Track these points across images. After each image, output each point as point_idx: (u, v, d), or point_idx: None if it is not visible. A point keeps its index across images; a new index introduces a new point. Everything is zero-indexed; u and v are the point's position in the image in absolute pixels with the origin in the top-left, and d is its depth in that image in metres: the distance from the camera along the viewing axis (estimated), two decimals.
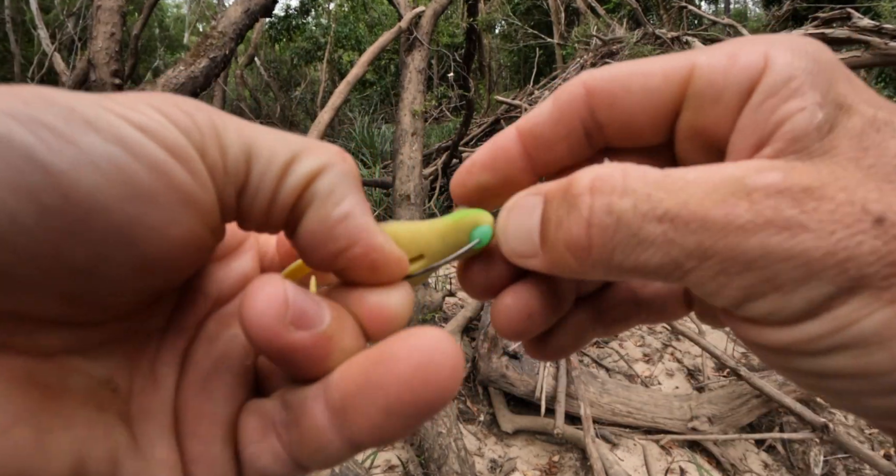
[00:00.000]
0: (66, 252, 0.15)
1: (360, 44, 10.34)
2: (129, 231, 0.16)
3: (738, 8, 16.69)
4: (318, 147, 0.20)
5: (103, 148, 0.15)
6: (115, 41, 1.82)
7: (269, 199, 0.19)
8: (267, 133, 0.19)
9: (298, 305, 0.18)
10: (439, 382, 0.18)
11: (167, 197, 0.16)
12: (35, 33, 8.52)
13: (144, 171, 0.16)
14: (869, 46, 3.59)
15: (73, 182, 0.15)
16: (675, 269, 0.18)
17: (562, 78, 5.69)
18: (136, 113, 0.16)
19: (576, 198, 0.20)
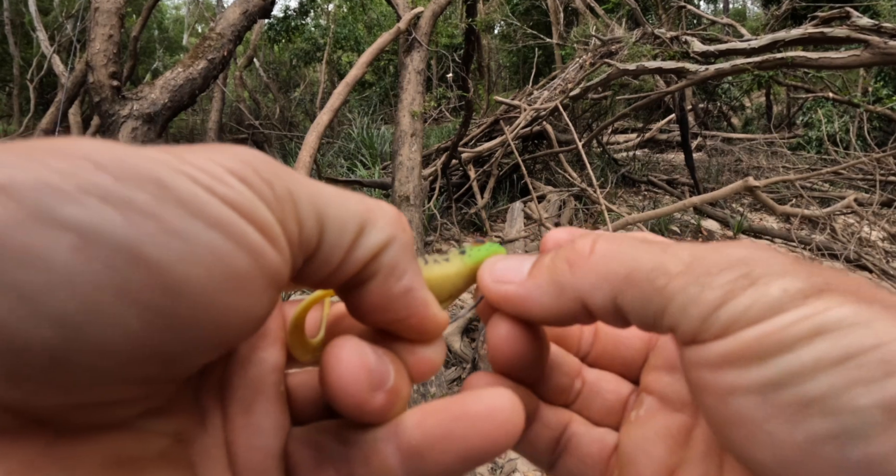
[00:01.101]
0: (165, 346, 0.14)
1: (358, 45, 10.34)
2: (224, 318, 0.15)
3: (736, 7, 16.70)
4: (383, 215, 0.21)
5: (205, 236, 0.14)
6: (113, 43, 1.81)
7: (336, 268, 0.20)
8: (335, 198, 0.19)
9: (378, 369, 0.21)
10: (511, 434, 0.21)
11: (261, 280, 0.16)
12: (34, 35, 8.52)
13: (244, 257, 0.15)
14: (868, 45, 3.59)
15: (179, 277, 0.14)
16: (663, 274, 0.20)
17: (561, 78, 5.69)
18: (221, 185, 0.15)
19: (585, 234, 0.24)
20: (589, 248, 0.23)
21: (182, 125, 12.92)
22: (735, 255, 0.20)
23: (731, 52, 4.32)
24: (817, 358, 0.17)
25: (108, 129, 1.80)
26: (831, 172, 5.06)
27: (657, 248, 0.21)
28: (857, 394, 0.16)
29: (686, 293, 0.19)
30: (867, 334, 0.16)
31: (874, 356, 0.16)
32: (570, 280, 0.22)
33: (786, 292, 0.18)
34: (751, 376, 0.18)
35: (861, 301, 0.17)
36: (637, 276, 0.21)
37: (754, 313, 0.18)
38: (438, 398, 0.84)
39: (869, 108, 6.20)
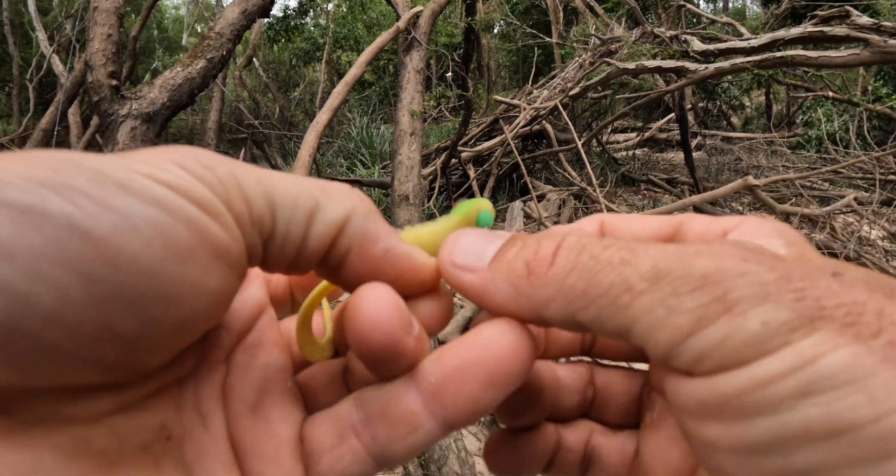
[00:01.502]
0: (114, 320, 0.15)
1: (358, 44, 10.34)
2: (173, 291, 0.16)
3: (736, 6, 16.70)
4: (336, 192, 0.21)
5: (142, 210, 0.15)
6: (112, 43, 1.81)
7: (298, 247, 0.20)
8: (285, 181, 0.20)
9: (407, 313, 0.20)
10: (525, 353, 0.20)
11: (204, 252, 0.16)
12: (33, 35, 8.52)
13: (183, 229, 0.16)
14: (868, 44, 3.59)
15: (116, 247, 0.14)
16: (625, 292, 0.18)
17: (561, 77, 5.69)
18: (162, 172, 0.16)
19: (553, 234, 0.22)
20: (550, 257, 0.20)
21: (181, 125, 12.91)
22: (707, 267, 0.17)
23: (730, 51, 4.32)
24: (805, 427, 0.14)
25: (107, 128, 1.80)
26: (831, 171, 5.06)
27: (621, 255, 0.19)
28: (849, 474, 0.14)
29: (651, 315, 0.17)
30: (864, 402, 0.14)
31: (870, 432, 0.14)
32: (526, 288, 0.20)
33: (766, 326, 0.15)
34: (732, 434, 0.16)
35: (861, 337, 0.14)
36: (595, 291, 0.18)
37: (729, 351, 0.16)
38: None
39: (869, 106, 6.20)
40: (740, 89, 9.13)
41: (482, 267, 0.22)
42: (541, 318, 0.20)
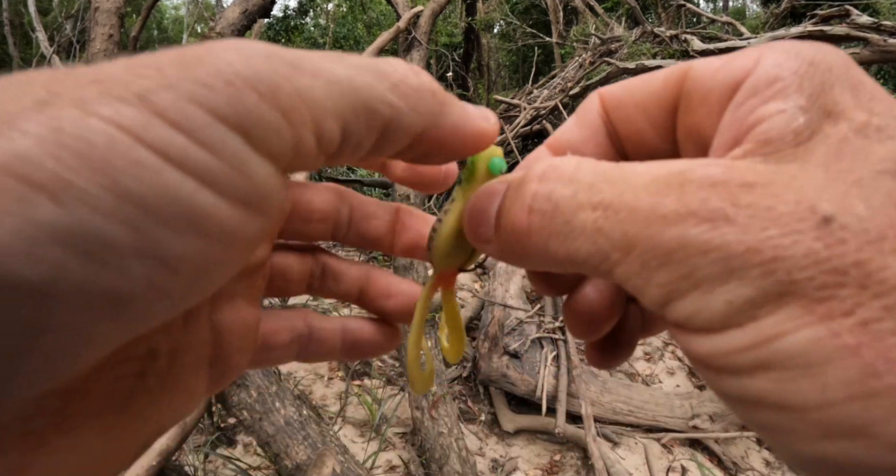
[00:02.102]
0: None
1: (358, 44, 10.33)
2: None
3: (736, 6, 16.68)
4: (415, 96, 0.19)
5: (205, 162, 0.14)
6: (113, 43, 1.81)
7: (366, 153, 0.20)
8: (356, 85, 0.17)
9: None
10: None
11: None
12: (33, 36, 8.52)
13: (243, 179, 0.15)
14: (868, 43, 3.59)
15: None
16: (603, 261, 0.18)
17: (561, 77, 5.69)
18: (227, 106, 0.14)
19: (525, 184, 0.20)
20: (526, 224, 0.19)
21: None
22: (671, 242, 0.16)
23: (730, 51, 4.32)
24: (759, 395, 0.15)
25: None
26: None
27: (591, 220, 0.18)
28: (796, 442, 0.15)
29: (631, 283, 0.17)
30: (814, 388, 0.14)
31: (815, 416, 0.14)
32: (520, 256, 0.21)
33: (730, 305, 0.15)
34: (709, 374, 0.17)
35: (831, 316, 0.14)
36: (577, 258, 0.18)
37: (701, 321, 0.16)
38: (438, 397, 0.87)
39: None
40: None
41: (492, 232, 0.22)
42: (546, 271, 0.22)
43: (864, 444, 0.14)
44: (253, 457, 2.26)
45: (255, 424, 1.65)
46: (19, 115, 0.12)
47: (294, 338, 0.26)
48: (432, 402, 2.14)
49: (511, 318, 2.70)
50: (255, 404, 1.66)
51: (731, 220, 0.15)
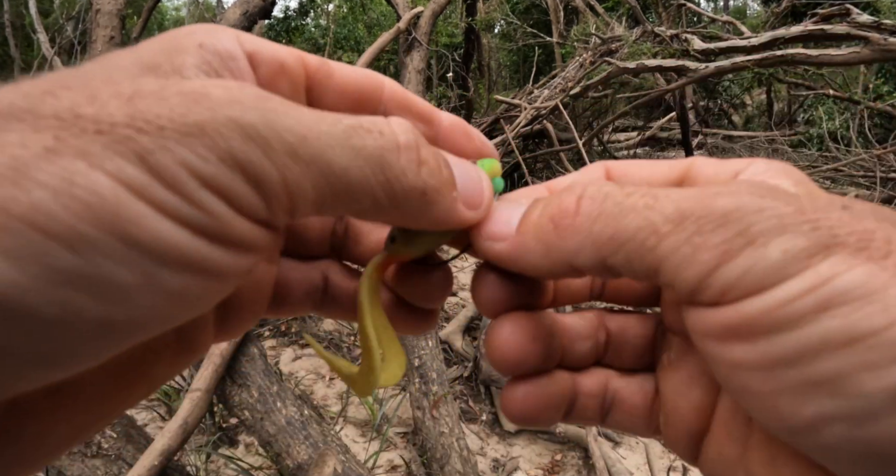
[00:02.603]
0: None
1: (359, 45, 10.33)
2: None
3: (736, 5, 16.66)
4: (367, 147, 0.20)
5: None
6: (114, 45, 1.82)
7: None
8: (324, 142, 0.18)
9: None
10: None
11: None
12: (35, 37, 8.53)
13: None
14: (868, 42, 3.59)
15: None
16: (652, 234, 0.19)
17: (561, 76, 5.69)
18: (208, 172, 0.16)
19: (572, 187, 0.22)
20: (574, 207, 0.21)
21: None
22: (727, 206, 0.18)
23: (731, 50, 4.31)
24: (825, 338, 0.16)
25: None
26: (832, 169, 5.05)
27: (644, 201, 0.19)
28: (866, 378, 0.15)
29: (678, 254, 0.18)
30: (878, 311, 0.15)
31: (885, 337, 0.15)
32: (556, 241, 0.21)
33: (786, 253, 0.17)
34: (756, 352, 0.17)
35: (873, 258, 0.16)
36: (623, 236, 0.19)
37: (754, 279, 0.17)
38: (439, 396, 0.88)
39: (869, 104, 6.18)
40: (741, 88, 9.11)
41: (511, 233, 0.23)
42: (573, 267, 0.21)
43: None
44: (254, 457, 2.26)
45: (257, 424, 1.66)
46: (31, 165, 0.13)
47: (310, 290, 0.27)
48: (433, 402, 2.15)
49: None
50: (256, 404, 1.67)
51: (776, 197, 0.18)
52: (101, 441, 1.52)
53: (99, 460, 1.51)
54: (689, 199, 0.18)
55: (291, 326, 3.30)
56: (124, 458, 1.53)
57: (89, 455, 1.50)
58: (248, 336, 1.74)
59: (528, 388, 0.26)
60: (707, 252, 0.18)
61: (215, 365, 1.60)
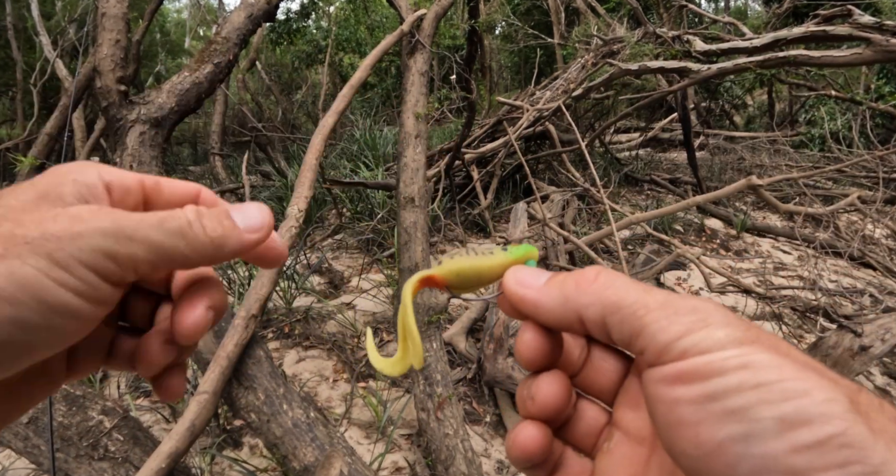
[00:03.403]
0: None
1: (360, 46, 10.35)
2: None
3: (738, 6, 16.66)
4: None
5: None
6: (120, 48, 1.83)
7: None
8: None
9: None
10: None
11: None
12: (37, 40, 8.55)
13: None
14: (870, 43, 3.59)
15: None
16: (643, 307, 0.28)
17: (563, 78, 5.69)
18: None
19: (594, 266, 0.32)
20: (594, 276, 0.31)
21: (185, 128, 12.93)
22: (698, 305, 0.27)
23: (732, 51, 4.32)
24: (741, 382, 0.24)
25: (115, 133, 1.81)
26: (834, 170, 5.05)
27: (642, 288, 0.29)
28: (762, 409, 0.23)
29: (658, 324, 0.27)
30: (775, 373, 0.24)
31: (777, 387, 0.24)
32: (574, 295, 0.31)
33: (728, 336, 0.26)
34: (694, 390, 0.25)
35: (777, 352, 0.25)
36: (624, 303, 0.28)
37: (704, 346, 0.26)
38: (444, 398, 0.92)
39: (871, 105, 6.18)
40: (743, 88, 9.11)
41: (538, 285, 0.33)
42: (581, 318, 0.30)
43: None
44: (259, 459, 2.26)
45: (263, 426, 1.66)
46: None
47: (98, 353, 0.36)
48: (438, 403, 2.15)
49: (516, 320, 2.70)
50: (262, 406, 1.67)
51: (726, 311, 0.28)
52: (108, 444, 1.53)
53: (106, 463, 1.51)
54: (671, 296, 0.28)
55: (295, 328, 3.30)
56: (131, 461, 1.54)
57: (96, 458, 1.51)
58: (254, 338, 1.75)
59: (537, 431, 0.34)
60: (679, 325, 0.27)
61: (222, 367, 1.60)
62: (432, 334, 2.28)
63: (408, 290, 0.34)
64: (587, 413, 0.36)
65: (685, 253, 3.40)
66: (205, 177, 8.66)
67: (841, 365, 2.15)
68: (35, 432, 1.49)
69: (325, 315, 3.44)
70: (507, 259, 0.35)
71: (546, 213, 3.96)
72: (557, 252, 3.67)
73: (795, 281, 4.10)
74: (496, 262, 0.35)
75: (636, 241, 4.71)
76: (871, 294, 3.37)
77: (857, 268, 4.36)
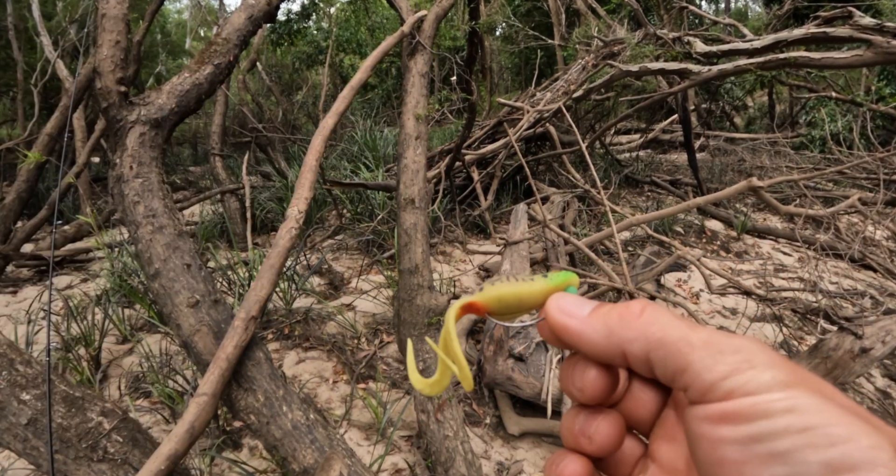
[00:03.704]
0: None
1: (361, 47, 10.35)
2: None
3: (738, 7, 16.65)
4: None
5: None
6: (120, 49, 1.82)
7: None
8: None
9: None
10: None
11: None
12: (38, 40, 8.55)
13: None
14: (871, 45, 3.59)
15: None
16: (687, 345, 0.28)
17: (563, 79, 5.69)
18: None
19: (639, 300, 0.32)
20: (639, 311, 0.30)
21: (185, 128, 12.94)
22: (742, 344, 0.27)
23: (733, 53, 4.32)
24: (787, 426, 0.24)
25: (116, 134, 1.81)
26: (835, 172, 5.04)
27: (686, 325, 0.29)
28: (808, 453, 0.23)
29: (703, 362, 0.27)
30: (821, 417, 0.24)
31: (823, 431, 0.24)
32: (619, 329, 0.30)
33: (774, 379, 0.26)
34: (739, 431, 0.25)
35: (822, 396, 0.25)
36: (668, 340, 0.29)
37: (750, 388, 0.26)
38: (444, 400, 0.93)
39: (872, 106, 6.18)
40: (743, 90, 9.11)
41: (583, 316, 0.32)
42: (624, 352, 0.30)
43: None
44: (259, 460, 2.26)
45: (263, 428, 1.65)
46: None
47: None
48: (438, 405, 2.14)
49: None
50: (262, 408, 1.66)
51: (771, 350, 0.28)
52: (107, 445, 1.52)
53: (105, 465, 1.51)
54: (715, 334, 0.28)
55: (295, 329, 3.30)
56: (130, 463, 1.53)
57: (95, 459, 1.51)
58: (254, 340, 1.74)
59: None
60: (724, 365, 0.27)
61: (221, 369, 1.59)
62: (432, 336, 2.28)
63: (451, 315, 0.35)
64: (626, 444, 0.36)
65: (686, 254, 3.39)
66: (205, 177, 8.66)
67: (841, 367, 2.15)
68: (34, 434, 1.49)
69: (325, 316, 3.43)
70: (548, 286, 0.36)
71: (546, 214, 3.96)
72: (558, 253, 3.67)
73: (796, 283, 4.09)
74: (537, 289, 0.35)
75: (637, 243, 4.70)
76: (871, 296, 3.37)
77: (858, 270, 4.36)
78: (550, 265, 3.57)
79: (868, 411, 0.26)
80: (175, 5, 18.96)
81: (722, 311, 3.77)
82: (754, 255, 4.79)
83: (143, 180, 1.78)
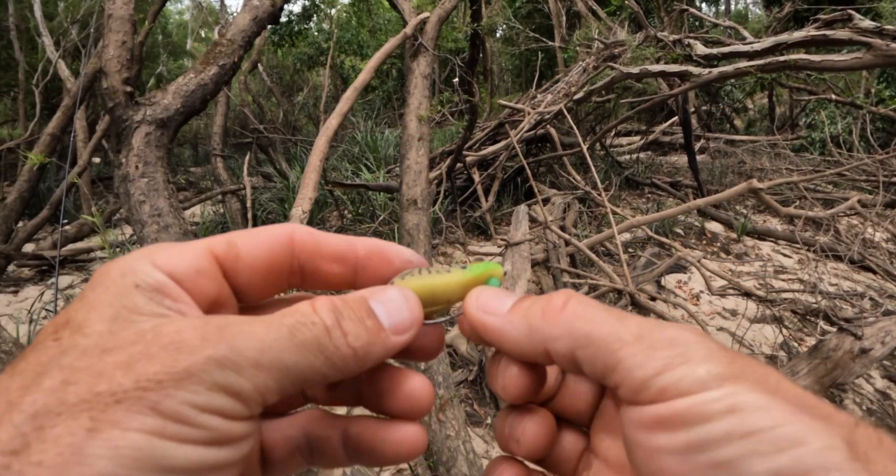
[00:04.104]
0: None
1: (362, 49, 10.37)
2: None
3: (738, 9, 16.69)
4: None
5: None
6: (126, 49, 1.84)
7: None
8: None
9: None
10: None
11: None
12: (39, 40, 8.57)
13: None
14: (870, 47, 3.61)
15: None
16: (617, 341, 0.25)
17: (564, 81, 5.71)
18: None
19: (562, 291, 0.29)
20: (562, 304, 0.27)
21: (186, 129, 12.95)
22: (677, 335, 0.25)
23: (733, 55, 4.33)
24: (728, 431, 0.22)
25: (121, 134, 1.83)
26: (835, 174, 5.07)
27: (615, 317, 0.26)
28: (755, 461, 0.21)
29: (633, 359, 0.24)
30: (766, 417, 0.21)
31: (770, 435, 0.21)
32: (540, 326, 0.27)
33: (709, 373, 0.23)
34: (677, 439, 0.23)
35: (766, 389, 0.22)
36: (596, 336, 0.25)
37: (684, 385, 0.23)
38: (445, 400, 0.91)
39: (871, 109, 6.20)
40: (743, 92, 9.13)
41: (503, 312, 0.29)
42: (547, 351, 0.27)
43: None
44: None
45: None
46: (83, 446, 0.19)
47: (294, 449, 0.30)
48: (439, 405, 2.15)
49: None
50: None
51: (709, 339, 0.25)
52: None
53: None
54: (648, 326, 0.25)
55: None
56: None
57: None
58: None
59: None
60: (656, 361, 0.24)
61: None
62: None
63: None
64: (565, 438, 0.33)
65: (686, 256, 3.41)
66: (206, 178, 8.67)
67: (841, 367, 2.16)
68: None
69: None
70: (466, 277, 0.31)
71: (547, 215, 3.97)
72: (559, 254, 3.68)
73: (796, 284, 4.10)
74: (453, 281, 0.31)
75: (637, 244, 4.72)
76: (871, 297, 3.38)
77: (858, 271, 4.37)
78: (551, 266, 3.58)
79: (815, 397, 0.23)
80: (176, 6, 19.02)
81: (722, 312, 3.78)
82: (754, 256, 4.80)
83: (148, 180, 1.80)
